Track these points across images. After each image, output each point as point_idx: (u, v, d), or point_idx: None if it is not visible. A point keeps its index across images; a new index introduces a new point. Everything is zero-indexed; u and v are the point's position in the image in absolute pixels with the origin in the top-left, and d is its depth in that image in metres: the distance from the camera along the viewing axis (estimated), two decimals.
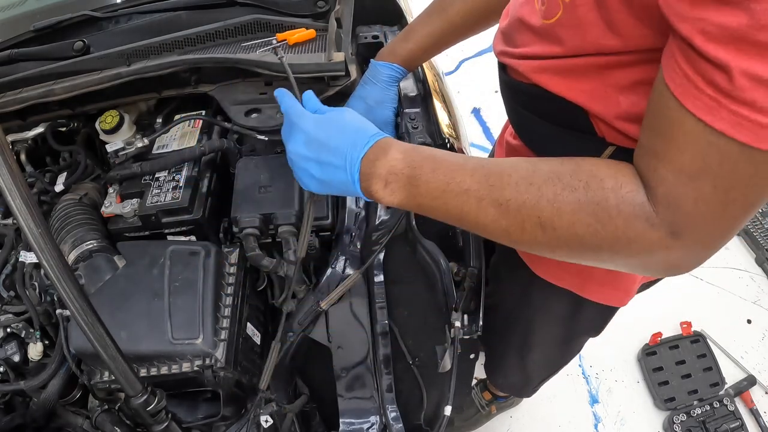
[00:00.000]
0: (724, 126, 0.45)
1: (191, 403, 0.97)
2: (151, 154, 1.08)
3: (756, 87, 0.42)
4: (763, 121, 0.43)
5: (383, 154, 0.64)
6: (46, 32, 1.15)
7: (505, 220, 0.58)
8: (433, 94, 1.06)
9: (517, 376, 1.33)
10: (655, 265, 0.57)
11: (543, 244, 0.59)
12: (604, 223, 0.53)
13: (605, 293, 0.95)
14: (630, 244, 0.54)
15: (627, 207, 0.53)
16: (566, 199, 0.55)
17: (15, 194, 0.59)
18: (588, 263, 0.61)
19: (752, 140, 0.44)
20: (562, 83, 0.66)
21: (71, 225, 0.97)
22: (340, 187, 0.68)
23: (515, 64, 0.73)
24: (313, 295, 0.95)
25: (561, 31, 0.62)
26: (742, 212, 0.50)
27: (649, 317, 1.99)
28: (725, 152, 0.46)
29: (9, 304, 1.00)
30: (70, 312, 0.64)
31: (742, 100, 0.43)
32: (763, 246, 2.15)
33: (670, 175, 0.50)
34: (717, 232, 0.52)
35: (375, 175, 0.64)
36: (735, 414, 1.77)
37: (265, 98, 1.09)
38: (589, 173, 0.55)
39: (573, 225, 0.55)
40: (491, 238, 0.63)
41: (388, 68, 0.95)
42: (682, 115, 0.47)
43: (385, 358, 0.94)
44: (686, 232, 0.51)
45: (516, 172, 0.58)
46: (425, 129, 0.97)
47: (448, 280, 0.88)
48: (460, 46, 3.02)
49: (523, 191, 0.57)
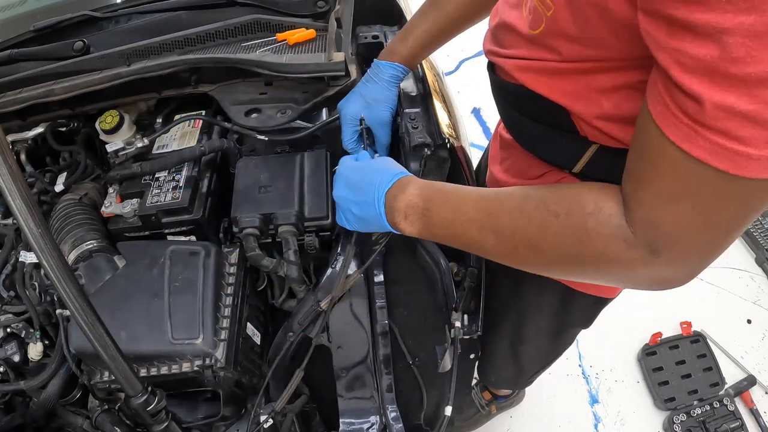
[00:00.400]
0: (702, 154, 0.46)
1: (191, 403, 0.97)
2: (151, 154, 1.08)
3: (729, 117, 0.44)
4: (739, 149, 0.44)
5: (403, 190, 0.73)
6: (46, 32, 1.15)
7: (503, 245, 0.65)
8: (433, 94, 1.06)
9: (510, 370, 1.33)
10: (642, 280, 0.60)
11: (536, 264, 0.66)
12: (585, 245, 0.58)
13: (595, 285, 0.95)
14: (611, 263, 0.58)
15: (605, 229, 0.56)
16: (551, 224, 0.60)
17: (15, 194, 0.59)
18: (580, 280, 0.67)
19: (730, 168, 0.46)
20: (545, 84, 0.68)
21: (71, 225, 0.97)
22: (373, 222, 0.77)
23: (502, 62, 0.75)
24: (313, 295, 0.95)
25: (546, 41, 0.64)
26: (725, 233, 0.52)
27: (649, 317, 1.99)
28: (704, 178, 0.48)
29: (9, 304, 1.00)
30: (70, 312, 0.64)
31: (717, 129, 0.45)
32: (763, 246, 2.15)
33: (649, 197, 0.52)
34: (699, 251, 0.54)
35: (396, 208, 0.73)
36: (735, 414, 1.77)
37: (265, 98, 1.09)
38: (572, 200, 0.60)
39: (558, 247, 0.60)
40: (494, 260, 0.70)
41: (390, 67, 0.95)
42: (662, 142, 0.49)
43: (385, 358, 0.94)
44: (666, 251, 0.53)
45: (510, 201, 0.65)
46: (425, 129, 0.97)
47: (448, 280, 0.88)
48: (460, 46, 3.03)
49: (516, 218, 0.63)
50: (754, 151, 0.44)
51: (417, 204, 0.72)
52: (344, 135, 0.98)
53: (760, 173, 0.45)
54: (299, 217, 0.96)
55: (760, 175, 0.45)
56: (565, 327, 1.13)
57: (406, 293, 1.00)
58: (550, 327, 1.13)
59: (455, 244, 0.72)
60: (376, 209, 0.75)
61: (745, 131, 0.44)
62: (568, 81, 0.65)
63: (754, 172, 0.45)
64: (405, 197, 0.73)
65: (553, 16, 0.60)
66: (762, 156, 0.44)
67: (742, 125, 0.43)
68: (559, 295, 1.01)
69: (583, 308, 1.05)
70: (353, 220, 0.81)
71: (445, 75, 1.39)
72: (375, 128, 0.97)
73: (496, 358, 1.29)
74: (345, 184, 0.80)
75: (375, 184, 0.75)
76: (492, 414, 1.76)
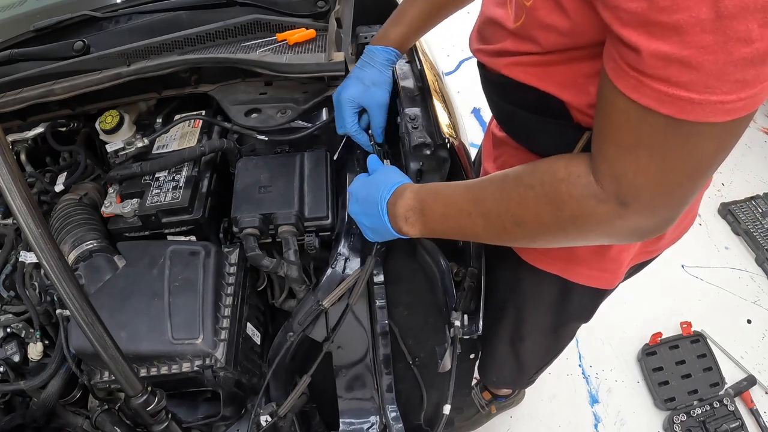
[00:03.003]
0: (649, 101, 0.49)
1: (191, 403, 0.97)
2: (151, 154, 1.08)
3: (666, 65, 0.46)
4: (681, 95, 0.47)
5: (400, 197, 0.79)
6: (46, 32, 1.15)
7: (492, 226, 0.70)
8: (433, 94, 1.06)
9: (510, 368, 1.33)
10: (621, 233, 0.63)
11: (523, 238, 0.70)
12: (561, 208, 0.62)
13: (592, 276, 0.95)
14: (588, 220, 0.61)
15: (576, 190, 0.60)
16: (528, 197, 0.65)
17: (15, 194, 0.59)
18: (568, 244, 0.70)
19: (675, 112, 0.48)
20: (535, 76, 0.70)
21: (71, 225, 0.97)
22: (383, 231, 0.82)
23: (490, 62, 0.77)
24: (313, 295, 0.95)
25: (528, 33, 0.66)
26: (686, 179, 0.55)
27: (649, 317, 1.99)
28: (654, 125, 0.51)
29: (9, 304, 1.00)
30: (70, 312, 0.64)
31: (658, 77, 0.47)
32: (763, 246, 2.15)
33: (610, 150, 0.56)
34: (663, 198, 0.57)
35: (398, 215, 0.79)
36: (735, 414, 1.77)
37: (265, 98, 1.09)
38: (544, 171, 0.64)
39: (539, 216, 0.64)
40: (489, 243, 0.75)
41: (384, 51, 0.97)
42: (615, 95, 0.52)
43: (385, 358, 0.94)
44: (633, 200, 0.57)
45: (491, 185, 0.70)
46: (425, 129, 0.97)
47: (448, 280, 0.88)
48: (461, 46, 3.03)
49: (498, 199, 0.68)
50: (696, 96, 0.47)
51: (414, 206, 0.77)
52: (345, 119, 0.98)
53: (705, 117, 0.48)
54: (299, 217, 0.96)
55: (705, 118, 0.48)
56: (565, 321, 1.13)
57: (406, 293, 1.00)
58: (549, 322, 1.12)
59: (453, 235, 0.78)
60: (381, 219, 0.80)
61: (683, 77, 0.46)
62: (556, 71, 0.67)
63: (699, 116, 0.48)
64: (403, 203, 0.78)
65: (532, 5, 0.62)
66: (704, 101, 0.47)
67: (680, 71, 0.46)
68: (557, 289, 1.01)
69: (582, 301, 1.05)
70: (368, 232, 0.86)
71: (445, 75, 1.39)
72: (373, 111, 0.98)
73: (496, 357, 1.29)
74: (355, 200, 0.87)
75: (377, 197, 0.81)
76: (492, 414, 1.76)
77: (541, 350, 1.27)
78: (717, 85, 0.46)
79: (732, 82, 0.45)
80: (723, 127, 0.49)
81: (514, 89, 0.73)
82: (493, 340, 1.23)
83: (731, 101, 0.46)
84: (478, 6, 0.87)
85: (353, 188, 0.88)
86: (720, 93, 0.46)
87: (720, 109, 0.47)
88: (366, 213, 0.84)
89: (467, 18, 1.00)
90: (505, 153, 0.94)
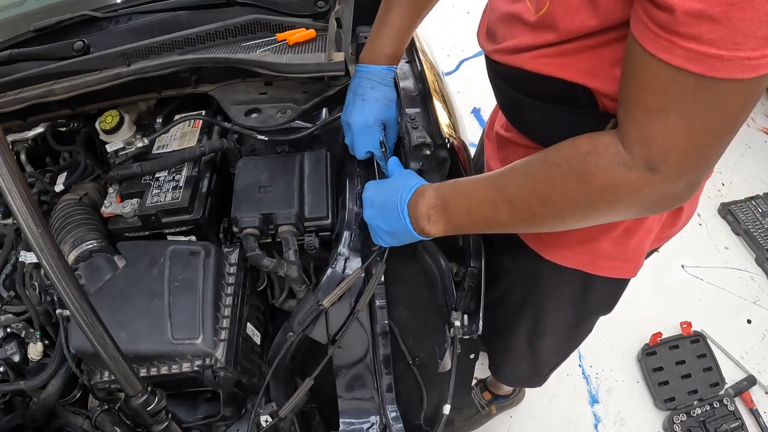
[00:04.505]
0: (680, 61, 0.51)
1: (191, 403, 0.97)
2: (151, 154, 1.08)
3: (698, 22, 0.48)
4: (711, 52, 0.49)
5: (421, 197, 0.79)
6: (46, 32, 1.15)
7: (519, 211, 0.69)
8: (433, 94, 1.06)
9: (527, 366, 1.33)
10: (650, 203, 0.63)
11: (553, 219, 0.68)
12: (589, 181, 0.62)
13: (615, 267, 0.95)
14: (618, 191, 0.61)
15: (603, 160, 0.60)
16: (554, 175, 0.65)
17: (15, 194, 0.59)
18: (597, 222, 0.69)
19: (705, 70, 0.50)
20: (559, 66, 0.70)
21: (71, 225, 0.97)
22: (402, 234, 0.82)
23: (508, 60, 0.77)
24: (313, 295, 0.95)
25: (553, 20, 0.66)
26: (712, 139, 0.56)
27: (649, 317, 1.99)
28: (684, 85, 0.52)
29: (9, 304, 1.00)
30: (70, 312, 0.64)
31: (690, 36, 0.49)
32: (763, 246, 2.15)
33: (640, 114, 0.57)
34: (692, 160, 0.58)
35: (419, 215, 0.79)
36: (735, 414, 1.77)
37: (265, 98, 1.09)
38: (569, 147, 0.64)
39: (566, 192, 0.64)
40: (516, 231, 0.75)
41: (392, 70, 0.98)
42: (645, 59, 0.54)
43: (385, 358, 0.94)
44: (662, 165, 0.57)
45: (514, 171, 0.70)
46: (425, 129, 0.97)
47: (448, 280, 0.88)
48: (461, 46, 3.03)
49: (523, 182, 0.68)
50: (726, 53, 0.49)
51: (435, 204, 0.78)
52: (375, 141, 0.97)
53: (733, 73, 0.50)
54: (299, 217, 0.96)
55: (733, 75, 0.50)
56: (586, 315, 1.13)
57: (406, 293, 1.00)
58: (571, 318, 1.12)
59: (478, 228, 0.78)
60: (402, 221, 0.80)
61: (714, 34, 0.48)
62: (580, 59, 0.67)
63: (727, 72, 0.50)
64: (424, 202, 0.79)
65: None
66: (733, 57, 0.49)
67: (711, 28, 0.48)
68: (579, 284, 1.01)
69: (605, 293, 1.06)
70: (385, 237, 0.86)
71: (445, 75, 1.39)
72: (391, 127, 1.00)
73: (512, 356, 1.29)
74: (371, 205, 0.87)
75: (397, 200, 0.81)
76: (492, 414, 1.76)
77: (559, 347, 1.27)
78: (744, 41, 0.48)
79: (758, 38, 0.47)
80: (748, 84, 0.51)
81: (535, 82, 0.74)
82: (510, 339, 1.22)
83: (757, 57, 0.49)
84: (478, 6, 0.87)
85: (367, 195, 0.88)
86: (747, 49, 0.48)
87: (747, 65, 0.49)
88: (383, 216, 0.84)
89: (467, 18, 1.01)
90: (514, 153, 0.93)
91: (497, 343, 1.30)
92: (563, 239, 0.93)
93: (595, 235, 0.90)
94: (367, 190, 0.89)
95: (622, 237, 0.90)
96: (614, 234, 0.89)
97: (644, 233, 0.90)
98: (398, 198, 0.81)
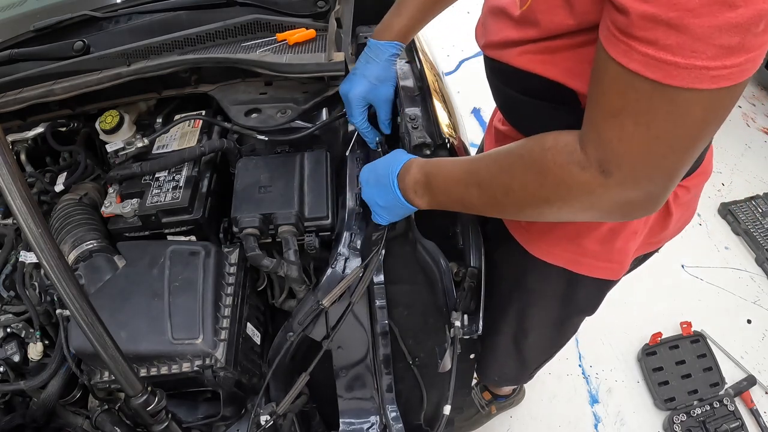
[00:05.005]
0: (637, 66, 0.50)
1: (191, 403, 0.97)
2: (151, 154, 1.08)
3: (654, 27, 0.47)
4: (667, 58, 0.48)
5: (408, 171, 0.83)
6: (46, 32, 1.15)
7: (485, 195, 0.73)
8: (433, 94, 1.06)
9: (512, 365, 1.32)
10: (608, 207, 0.63)
11: (511, 207, 0.72)
12: (545, 176, 0.63)
13: (600, 267, 0.95)
14: (570, 189, 0.62)
15: (561, 157, 0.61)
16: (516, 165, 0.67)
17: (15, 194, 0.59)
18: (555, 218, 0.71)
19: (661, 77, 0.49)
20: (541, 63, 0.70)
21: (71, 225, 0.97)
22: (396, 206, 0.85)
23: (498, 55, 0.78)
24: (313, 295, 0.95)
25: (534, 16, 0.67)
26: (670, 150, 0.55)
27: (649, 317, 1.99)
28: (640, 91, 0.51)
29: (9, 304, 1.00)
30: (70, 312, 0.64)
31: (647, 41, 0.48)
32: (763, 246, 2.15)
33: (598, 115, 0.57)
34: (647, 169, 0.57)
35: (407, 187, 0.82)
36: (735, 414, 1.77)
37: (265, 98, 1.09)
38: (535, 141, 0.66)
39: (525, 185, 0.66)
40: (484, 214, 0.79)
41: (390, 46, 0.97)
42: (607, 62, 0.53)
43: (385, 358, 0.94)
44: (615, 170, 0.57)
45: (487, 157, 0.74)
46: (425, 129, 0.97)
47: (448, 280, 0.88)
48: (460, 46, 3.03)
49: (491, 168, 0.72)
50: (681, 60, 0.47)
51: (420, 179, 0.81)
52: (355, 117, 1.01)
53: (690, 83, 0.48)
54: (299, 217, 0.96)
55: (690, 84, 0.48)
56: (571, 314, 1.13)
57: (406, 293, 1.00)
58: (555, 316, 1.12)
59: (455, 207, 0.81)
60: (393, 193, 0.84)
61: (670, 39, 0.47)
62: (561, 58, 0.68)
63: (684, 81, 0.48)
64: (411, 177, 0.82)
65: None
66: (689, 65, 0.47)
67: (667, 34, 0.47)
68: (563, 282, 1.01)
69: (589, 293, 1.05)
70: (383, 213, 0.89)
71: (445, 75, 1.39)
72: (380, 106, 1.00)
73: (498, 355, 1.29)
74: (366, 183, 0.90)
75: (388, 173, 0.85)
76: (492, 414, 1.76)
77: (544, 345, 1.27)
78: (702, 50, 0.46)
79: (717, 47, 0.46)
80: (708, 96, 0.49)
81: (522, 79, 0.74)
82: (495, 338, 1.22)
83: (716, 68, 0.47)
84: (478, 6, 0.87)
85: (363, 175, 0.91)
86: (705, 58, 0.47)
87: (705, 75, 0.48)
88: (378, 192, 0.87)
89: (467, 18, 1.01)
90: None
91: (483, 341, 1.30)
92: (549, 235, 0.93)
93: (580, 233, 0.90)
94: (363, 171, 0.92)
95: (606, 236, 0.90)
96: (598, 233, 0.90)
97: (629, 234, 0.90)
98: (389, 172, 0.84)
